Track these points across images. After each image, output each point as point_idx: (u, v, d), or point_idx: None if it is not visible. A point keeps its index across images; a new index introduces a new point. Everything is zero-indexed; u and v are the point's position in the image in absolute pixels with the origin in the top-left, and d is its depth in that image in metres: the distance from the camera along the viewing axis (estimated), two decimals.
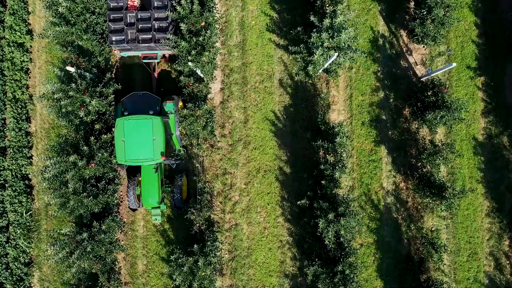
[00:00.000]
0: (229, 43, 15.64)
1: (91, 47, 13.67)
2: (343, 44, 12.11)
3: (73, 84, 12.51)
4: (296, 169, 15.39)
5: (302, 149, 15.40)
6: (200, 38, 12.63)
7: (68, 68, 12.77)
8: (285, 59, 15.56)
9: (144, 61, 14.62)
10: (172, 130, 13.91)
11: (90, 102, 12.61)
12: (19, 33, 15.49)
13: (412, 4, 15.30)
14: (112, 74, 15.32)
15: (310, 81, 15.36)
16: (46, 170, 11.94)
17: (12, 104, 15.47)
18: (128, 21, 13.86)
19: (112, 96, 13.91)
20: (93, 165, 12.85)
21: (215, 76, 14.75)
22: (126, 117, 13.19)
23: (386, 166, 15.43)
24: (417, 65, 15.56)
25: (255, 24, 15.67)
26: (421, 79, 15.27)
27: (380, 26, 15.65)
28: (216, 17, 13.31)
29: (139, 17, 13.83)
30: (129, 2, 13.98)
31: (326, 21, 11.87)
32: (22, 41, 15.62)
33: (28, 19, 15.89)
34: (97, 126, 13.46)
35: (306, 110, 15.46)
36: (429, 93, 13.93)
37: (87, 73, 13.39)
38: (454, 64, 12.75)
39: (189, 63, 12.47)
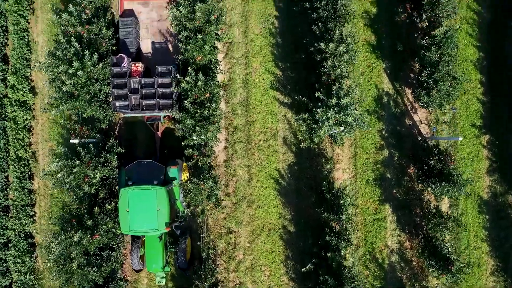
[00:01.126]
0: (233, 101, 15.55)
1: (95, 114, 13.57)
2: (349, 120, 12.03)
3: (77, 161, 12.42)
4: (300, 227, 15.34)
5: (307, 208, 15.34)
6: (205, 112, 12.55)
7: (72, 140, 12.69)
8: (289, 117, 15.49)
9: (148, 121, 14.56)
10: (176, 195, 13.85)
11: (94, 175, 12.53)
12: (21, 92, 15.40)
13: (417, 64, 15.19)
14: (115, 133, 15.28)
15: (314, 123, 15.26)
16: (51, 251, 11.89)
17: (15, 164, 15.38)
18: (132, 87, 13.77)
19: (116, 162, 13.83)
20: (97, 236, 12.79)
21: (219, 139, 14.67)
22: (130, 188, 13.12)
23: (390, 225, 15.38)
24: (421, 123, 15.48)
25: (259, 82, 15.59)
26: (426, 139, 15.20)
27: (385, 84, 15.57)
28: (220, 88, 13.25)
29: (143, 82, 13.74)
30: (132, 68, 13.90)
31: (332, 101, 11.79)
32: (24, 99, 15.53)
33: (31, 76, 15.79)
34: (101, 195, 13.39)
35: (310, 168, 15.39)
36: (434, 158, 13.86)
37: (91, 143, 13.28)
38: (460, 139, 12.70)
39: (194, 137, 12.40)
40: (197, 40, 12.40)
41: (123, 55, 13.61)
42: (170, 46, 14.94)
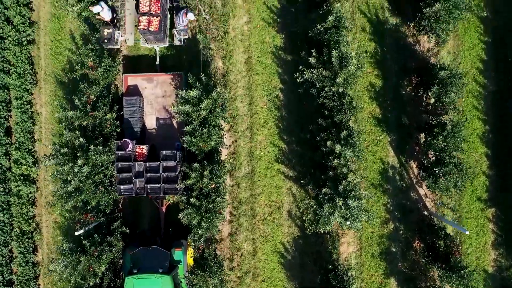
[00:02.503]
0: (238, 175, 15.49)
1: (100, 201, 13.51)
2: (356, 212, 11.99)
3: (82, 257, 12.36)
4: None
5: (312, 282, 15.29)
6: (211, 206, 12.50)
7: (77, 232, 12.64)
8: (294, 191, 15.43)
9: (152, 197, 14.53)
10: (181, 278, 13.79)
11: (99, 267, 12.49)
12: (25, 166, 15.34)
13: (422, 137, 15.13)
14: (119, 207, 15.22)
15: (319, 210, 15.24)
16: None
17: (19, 239, 15.32)
18: (137, 170, 13.70)
19: (121, 245, 13.78)
20: None
21: (224, 215, 14.60)
22: (135, 276, 13.06)
23: None
24: (427, 197, 15.42)
25: (264, 155, 15.52)
26: (432, 216, 15.14)
27: (390, 157, 15.50)
28: (226, 184, 13.24)
29: (147, 166, 13.67)
30: (137, 150, 13.83)
31: (339, 201, 11.74)
32: (28, 173, 15.47)
33: (34, 147, 15.72)
34: (105, 282, 13.33)
35: (315, 242, 15.33)
36: (440, 242, 13.81)
37: (95, 226, 13.23)
38: (467, 232, 12.65)
39: (200, 232, 12.37)
40: (202, 133, 12.34)
41: (127, 140, 13.53)
42: (174, 122, 14.86)
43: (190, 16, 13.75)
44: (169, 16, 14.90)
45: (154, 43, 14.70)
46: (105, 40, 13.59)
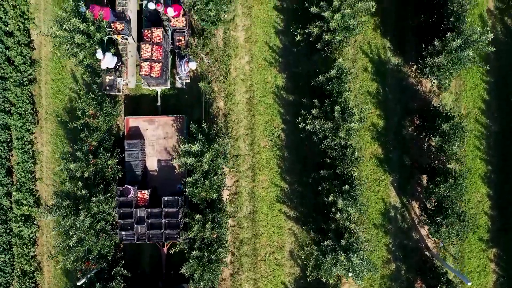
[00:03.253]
0: (239, 215, 15.47)
1: (102, 249, 13.49)
2: (359, 268, 11.97)
3: None
4: None
5: None
6: (213, 256, 12.48)
7: (79, 283, 12.62)
8: (296, 231, 15.41)
9: None
10: None
11: None
12: (26, 207, 15.31)
13: (424, 178, 15.11)
14: (121, 246, 15.19)
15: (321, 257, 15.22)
16: None
17: (20, 280, 15.30)
18: (138, 215, 13.68)
19: None
20: None
21: (226, 262, 14.55)
22: None
23: None
24: (429, 238, 15.40)
25: (265, 195, 15.50)
26: (434, 258, 15.12)
27: (392, 198, 15.48)
28: (228, 229, 13.20)
29: (149, 212, 13.65)
30: (139, 195, 13.80)
31: (342, 256, 11.72)
32: (29, 213, 15.45)
33: (35, 186, 15.70)
34: None
35: (317, 283, 15.30)
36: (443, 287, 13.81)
37: (97, 271, 13.21)
38: (470, 283, 12.64)
39: (202, 284, 12.35)
40: (204, 184, 12.33)
41: (129, 186, 13.51)
42: (176, 164, 14.81)
43: (192, 65, 13.71)
44: (170, 57, 14.87)
45: (156, 86, 14.67)
46: (107, 87, 13.56)
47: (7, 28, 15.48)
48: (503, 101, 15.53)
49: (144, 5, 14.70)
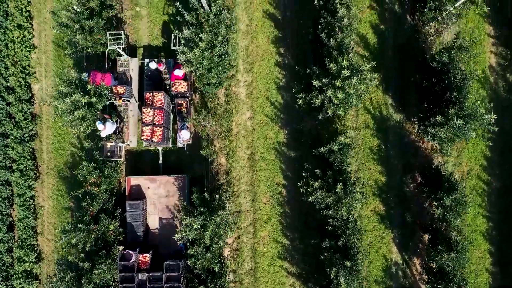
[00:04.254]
0: (240, 271, 15.45)
1: None
2: None
3: None
4: None
5: None
6: None
7: None
8: (297, 287, 15.40)
9: None
10: None
11: None
12: (28, 263, 15.30)
13: (426, 238, 15.10)
14: None
15: None
16: None
17: None
18: (140, 279, 13.66)
19: None
20: None
21: None
22: None
23: None
24: None
25: (267, 251, 15.49)
26: None
27: (394, 254, 15.47)
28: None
29: (151, 276, 13.63)
30: (140, 258, 13.78)
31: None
32: (30, 269, 15.43)
33: (37, 241, 15.68)
34: None
35: None
36: None
37: None
38: None
39: None
40: (206, 256, 12.32)
41: (130, 251, 13.50)
42: (177, 222, 14.81)
43: (185, 134, 13.61)
44: (172, 116, 14.85)
45: (157, 145, 14.65)
46: (108, 153, 13.54)
47: (8, 84, 15.47)
48: (504, 157, 15.51)
49: (145, 64, 14.69)
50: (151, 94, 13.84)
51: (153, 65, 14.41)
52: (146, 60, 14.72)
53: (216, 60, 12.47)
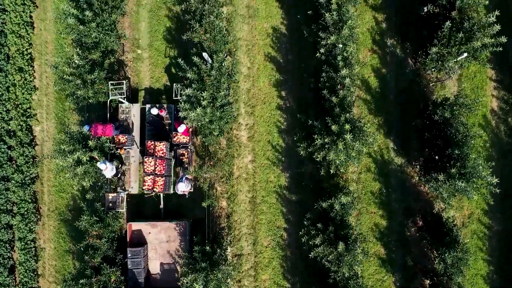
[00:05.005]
0: None
1: None
2: None
3: None
4: None
5: None
6: None
7: None
8: None
9: None
10: None
11: None
12: None
13: (427, 283, 15.10)
14: None
15: None
16: None
17: None
18: None
19: None
20: None
21: None
22: None
23: None
24: None
25: None
26: None
27: None
28: None
29: None
30: None
31: None
32: None
33: (38, 283, 15.68)
34: None
35: None
36: None
37: None
38: None
39: None
40: None
41: None
42: (178, 267, 14.81)
43: (182, 188, 13.56)
44: (173, 162, 14.83)
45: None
46: (110, 204, 13.53)
47: (9, 127, 15.46)
48: (505, 202, 15.50)
49: (147, 110, 14.68)
50: (152, 143, 13.84)
51: (154, 111, 14.41)
52: (148, 106, 14.70)
53: (218, 114, 12.47)
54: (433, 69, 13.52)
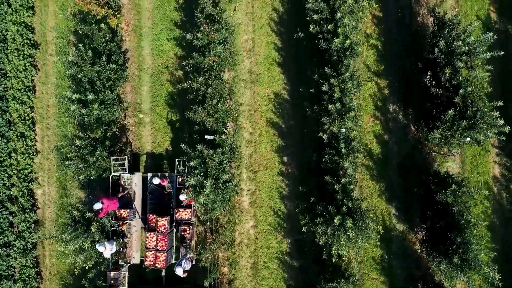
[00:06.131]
0: None
1: None
2: None
3: None
4: None
5: None
6: None
7: None
8: None
9: None
10: None
11: None
12: None
13: None
14: None
15: None
16: None
17: None
18: None
19: None
20: None
21: None
22: None
23: None
24: None
25: None
26: None
27: None
28: None
29: None
30: None
31: None
32: None
33: None
34: None
35: None
36: None
37: None
38: None
39: None
40: None
41: None
42: None
43: (179, 272, 13.47)
44: (174, 232, 14.80)
45: None
46: (111, 282, 13.52)
47: (11, 193, 15.44)
48: (505, 272, 15.43)
49: (148, 179, 14.66)
50: (154, 217, 13.82)
51: (156, 181, 14.39)
52: (149, 175, 14.69)
53: (220, 197, 12.46)
54: (435, 145, 13.51)
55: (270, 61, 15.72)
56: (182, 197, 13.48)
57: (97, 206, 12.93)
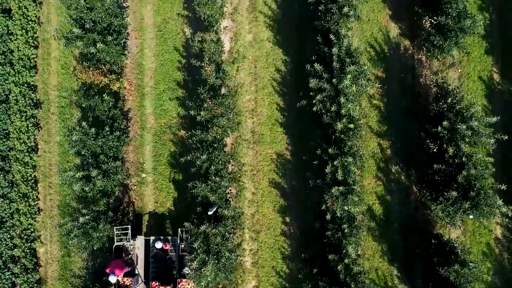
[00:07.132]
0: None
1: None
2: None
3: None
4: None
5: None
6: None
7: None
8: None
9: None
10: None
11: None
12: None
13: None
14: None
15: None
16: None
17: None
18: None
19: None
20: None
21: None
22: None
23: None
24: None
25: None
26: None
27: None
28: None
29: None
30: None
31: None
32: None
33: None
34: None
35: None
36: None
37: None
38: None
39: None
40: None
41: None
42: None
43: None
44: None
45: None
46: None
47: (13, 253, 15.46)
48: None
49: (151, 243, 14.67)
50: (157, 284, 13.84)
51: (159, 245, 14.41)
52: (152, 238, 14.70)
53: (222, 274, 12.49)
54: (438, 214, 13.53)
55: (272, 121, 15.74)
56: (186, 271, 13.55)
57: (113, 279, 13.03)
